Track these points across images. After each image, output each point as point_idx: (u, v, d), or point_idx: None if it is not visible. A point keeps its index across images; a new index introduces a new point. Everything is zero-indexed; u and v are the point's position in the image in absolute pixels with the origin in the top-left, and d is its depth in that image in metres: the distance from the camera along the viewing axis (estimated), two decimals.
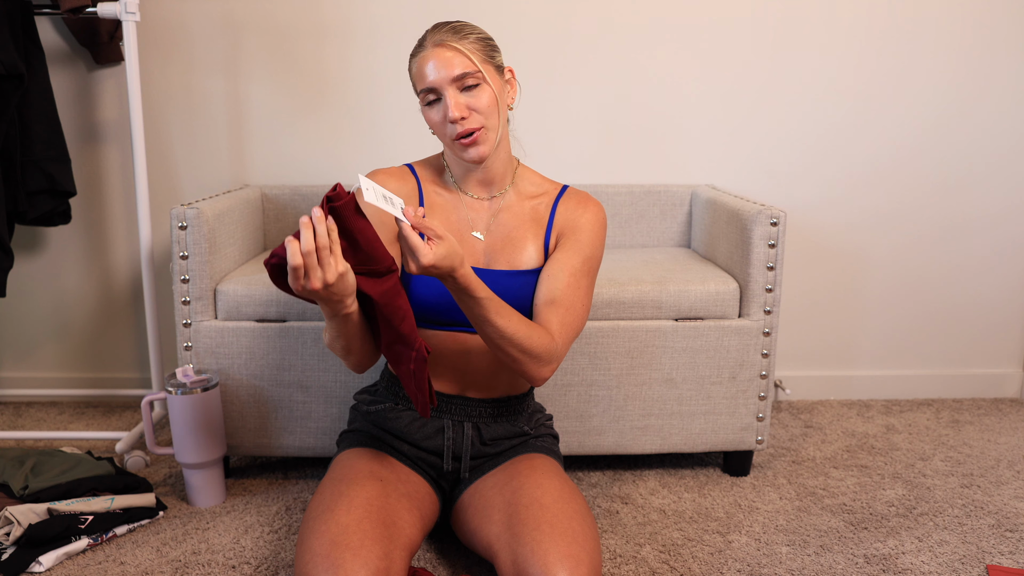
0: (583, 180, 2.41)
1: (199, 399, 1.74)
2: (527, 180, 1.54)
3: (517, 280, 1.45)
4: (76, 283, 2.44)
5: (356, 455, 1.48)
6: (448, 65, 1.35)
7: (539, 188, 1.53)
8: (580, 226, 1.48)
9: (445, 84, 1.36)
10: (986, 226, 2.47)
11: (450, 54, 1.36)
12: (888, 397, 2.55)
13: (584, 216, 1.49)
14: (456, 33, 1.38)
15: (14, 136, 1.97)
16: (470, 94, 1.37)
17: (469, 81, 1.36)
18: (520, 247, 1.48)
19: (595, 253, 1.47)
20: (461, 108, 1.36)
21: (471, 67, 1.36)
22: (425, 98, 1.39)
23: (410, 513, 1.38)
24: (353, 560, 1.20)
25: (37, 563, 1.53)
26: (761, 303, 1.89)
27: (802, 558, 1.61)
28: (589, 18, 2.33)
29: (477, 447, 1.52)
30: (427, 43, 1.38)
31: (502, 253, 1.47)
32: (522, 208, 1.51)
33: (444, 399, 1.51)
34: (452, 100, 1.35)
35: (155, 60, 2.30)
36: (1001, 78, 2.38)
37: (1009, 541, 1.69)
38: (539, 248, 1.49)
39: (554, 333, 1.38)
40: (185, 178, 2.38)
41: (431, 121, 1.41)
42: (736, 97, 2.38)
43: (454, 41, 1.37)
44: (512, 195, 1.51)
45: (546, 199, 1.52)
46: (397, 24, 2.30)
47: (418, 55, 1.39)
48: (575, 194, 1.53)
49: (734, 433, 1.94)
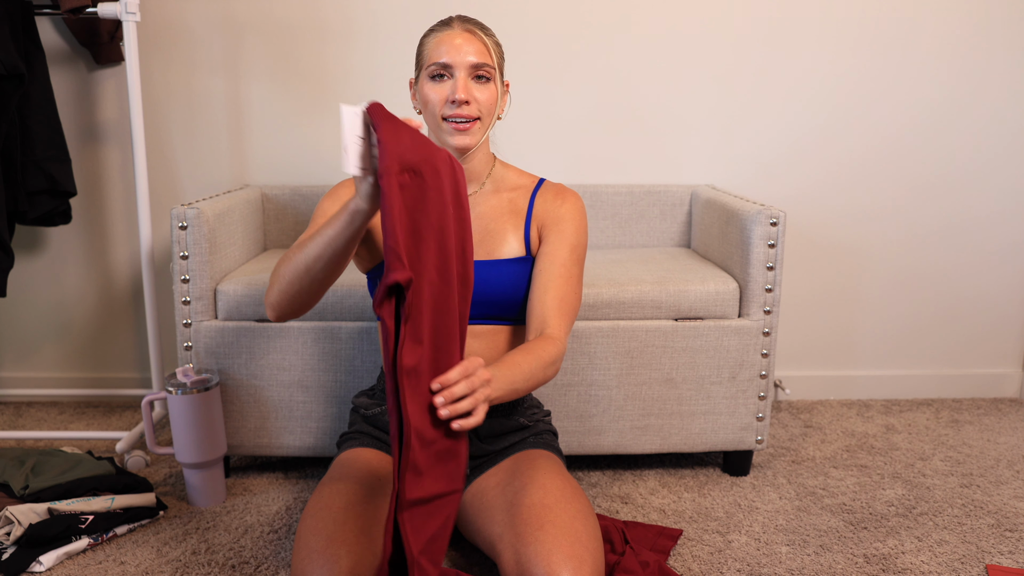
0: (583, 180, 2.41)
1: (199, 399, 1.75)
2: (504, 174, 1.57)
3: (497, 269, 1.47)
4: (76, 283, 2.44)
5: (356, 455, 1.49)
6: (474, 52, 1.41)
7: (516, 181, 1.56)
8: (561, 216, 1.51)
9: (462, 66, 1.40)
10: (986, 225, 2.47)
11: (477, 43, 1.42)
12: (888, 397, 2.55)
13: (564, 207, 1.52)
14: (483, 29, 1.45)
15: (14, 136, 1.97)
16: (478, 85, 1.43)
17: (482, 73, 1.42)
18: (500, 238, 1.51)
19: (580, 241, 1.50)
20: (469, 92, 1.40)
21: (489, 61, 1.43)
22: (434, 71, 1.42)
23: None
24: (349, 555, 1.20)
25: (37, 563, 1.53)
26: (761, 303, 1.89)
27: (802, 558, 1.61)
28: (589, 19, 2.33)
29: (476, 445, 1.52)
30: (454, 24, 1.43)
31: (481, 245, 1.50)
32: (500, 200, 1.53)
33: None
34: (463, 83, 1.40)
35: (155, 60, 2.30)
36: (1000, 74, 2.38)
37: (1009, 541, 1.69)
38: (519, 238, 1.51)
39: (554, 331, 1.41)
40: (185, 178, 2.38)
41: (430, 95, 1.42)
42: (736, 97, 2.38)
43: (481, 33, 1.44)
44: (489, 188, 1.54)
45: (523, 191, 1.55)
46: (398, 24, 2.30)
47: (440, 32, 1.43)
48: (552, 186, 1.56)
49: (734, 433, 1.94)
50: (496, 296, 1.47)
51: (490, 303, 1.47)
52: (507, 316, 1.50)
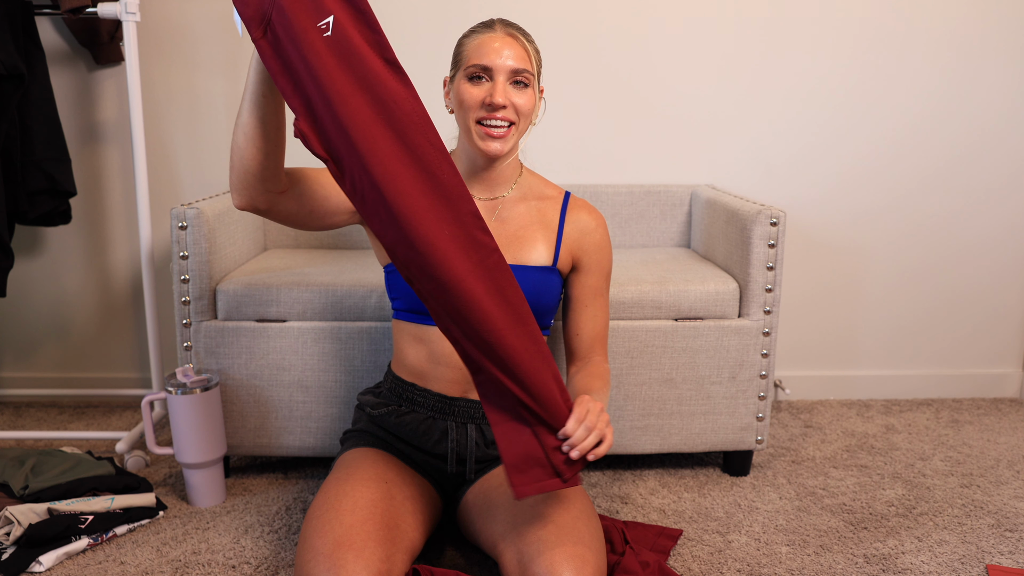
0: (583, 180, 2.41)
1: (199, 399, 1.75)
2: (530, 182, 1.57)
3: (522, 275, 1.48)
4: (76, 283, 2.44)
5: (361, 455, 1.48)
6: (515, 56, 1.41)
7: (543, 191, 1.57)
8: (599, 245, 1.56)
9: (503, 70, 1.40)
10: (986, 226, 2.47)
11: (519, 47, 1.42)
12: (888, 397, 2.55)
13: (597, 232, 1.56)
14: (524, 34, 1.45)
15: (14, 136, 1.97)
16: (516, 90, 1.42)
17: (522, 79, 1.42)
18: (529, 244, 1.51)
19: (610, 264, 1.59)
20: (507, 97, 1.40)
21: (529, 67, 1.42)
22: (473, 72, 1.41)
23: (413, 516, 1.38)
24: (355, 561, 1.20)
25: (37, 563, 1.53)
26: (761, 303, 1.89)
27: (802, 558, 1.61)
28: (589, 18, 2.33)
29: (482, 449, 1.52)
30: (497, 27, 1.43)
31: (508, 249, 1.50)
32: (528, 208, 1.54)
33: (447, 401, 1.51)
34: (501, 86, 1.40)
35: (155, 60, 2.30)
36: (999, 75, 2.38)
37: (1009, 541, 1.69)
38: (549, 250, 1.52)
39: (603, 356, 1.57)
40: (185, 178, 2.38)
41: (467, 96, 1.41)
42: (735, 96, 2.38)
43: (523, 38, 1.44)
44: (515, 195, 1.54)
45: (552, 203, 1.56)
46: (398, 24, 2.30)
47: (483, 33, 1.43)
48: (580, 204, 1.58)
49: (734, 433, 1.94)
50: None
51: None
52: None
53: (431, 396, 1.51)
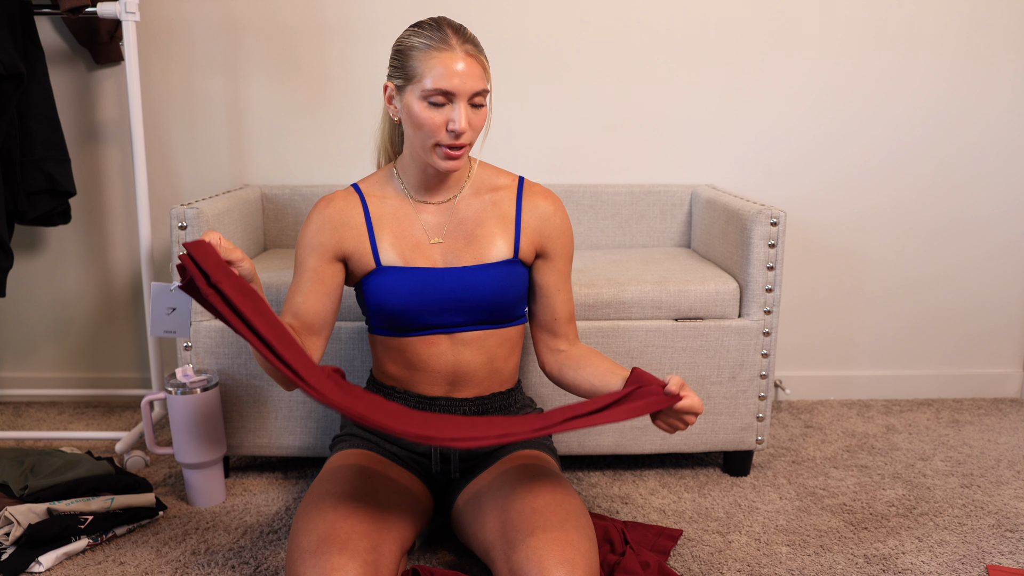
0: (583, 180, 2.41)
1: (199, 399, 1.74)
2: (482, 175, 1.54)
3: (486, 273, 1.46)
4: (76, 283, 2.44)
5: (346, 455, 1.49)
6: (475, 79, 1.35)
7: (494, 182, 1.54)
8: (560, 230, 1.54)
9: (465, 95, 1.35)
10: (986, 225, 2.47)
11: (478, 67, 1.36)
12: (888, 397, 2.55)
13: (556, 218, 1.53)
14: (476, 46, 1.38)
15: (14, 136, 1.97)
16: (475, 111, 1.38)
17: (479, 100, 1.38)
18: (487, 241, 1.49)
19: (572, 244, 1.58)
20: (470, 122, 1.37)
21: (487, 85, 1.38)
22: (432, 96, 1.35)
23: (401, 509, 1.38)
24: (340, 554, 1.20)
25: (37, 563, 1.53)
26: (761, 303, 1.89)
27: (802, 558, 1.61)
28: (589, 19, 2.33)
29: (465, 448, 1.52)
30: (452, 42, 1.35)
31: (467, 250, 1.48)
32: (483, 202, 1.51)
33: (428, 401, 1.51)
34: (463, 112, 1.35)
35: (155, 60, 2.30)
36: (1001, 76, 2.38)
37: (1009, 541, 1.69)
38: (508, 242, 1.50)
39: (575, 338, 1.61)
40: (185, 178, 2.38)
41: (426, 120, 1.36)
42: (736, 97, 2.38)
43: (479, 54, 1.37)
44: (468, 191, 1.52)
45: (507, 193, 1.52)
46: (398, 24, 2.29)
47: (440, 50, 1.34)
48: (535, 190, 1.54)
49: (734, 433, 1.94)
50: (487, 300, 1.46)
51: (481, 308, 1.47)
52: (496, 320, 1.50)
53: (412, 397, 1.52)
